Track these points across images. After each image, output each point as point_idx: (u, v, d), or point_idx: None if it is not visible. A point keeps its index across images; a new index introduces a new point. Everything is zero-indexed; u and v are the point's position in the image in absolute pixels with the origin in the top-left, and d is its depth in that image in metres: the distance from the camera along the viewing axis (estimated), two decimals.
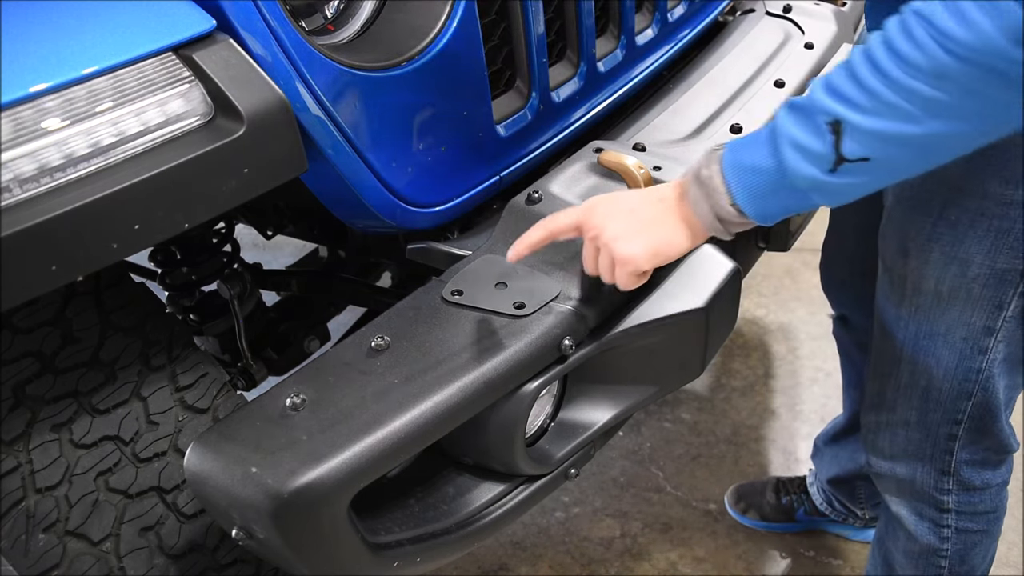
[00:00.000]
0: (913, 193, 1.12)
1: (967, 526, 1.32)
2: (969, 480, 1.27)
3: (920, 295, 1.16)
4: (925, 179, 1.10)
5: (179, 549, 1.12)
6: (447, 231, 1.28)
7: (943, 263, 1.11)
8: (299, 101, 0.98)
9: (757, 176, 0.88)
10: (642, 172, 1.14)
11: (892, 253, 1.18)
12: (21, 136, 0.79)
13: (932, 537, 1.34)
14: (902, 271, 1.17)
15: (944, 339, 1.16)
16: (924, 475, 1.29)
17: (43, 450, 1.04)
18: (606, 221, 0.97)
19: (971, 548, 1.35)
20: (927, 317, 1.16)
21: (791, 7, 1.80)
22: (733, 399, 2.33)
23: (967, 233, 1.08)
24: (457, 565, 1.92)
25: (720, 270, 1.17)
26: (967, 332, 1.14)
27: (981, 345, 1.15)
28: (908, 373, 1.22)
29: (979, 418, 1.21)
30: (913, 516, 1.35)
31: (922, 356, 1.19)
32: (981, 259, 1.09)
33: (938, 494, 1.29)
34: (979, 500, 1.30)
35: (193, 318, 1.55)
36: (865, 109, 0.79)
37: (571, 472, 1.17)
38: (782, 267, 2.77)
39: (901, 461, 1.30)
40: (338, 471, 0.88)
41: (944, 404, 1.21)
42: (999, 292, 1.10)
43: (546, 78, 1.29)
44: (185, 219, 0.89)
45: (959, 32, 0.72)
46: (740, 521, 2.00)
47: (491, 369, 0.98)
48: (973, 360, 1.16)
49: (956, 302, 1.13)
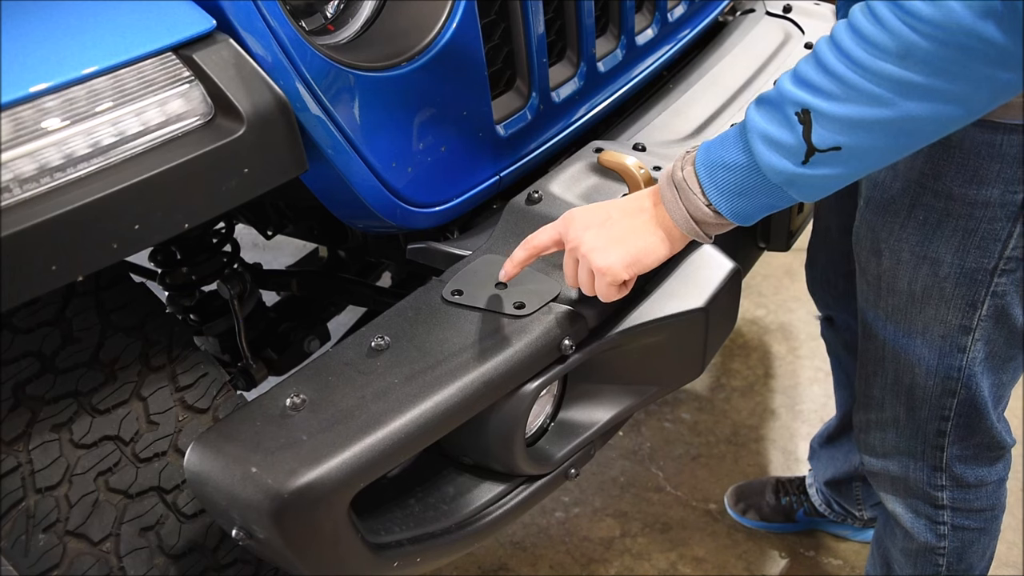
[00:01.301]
0: (882, 194, 1.13)
1: (964, 523, 1.32)
2: (962, 476, 1.27)
3: (895, 295, 1.16)
4: (893, 180, 1.10)
5: (179, 549, 1.12)
6: (447, 231, 1.28)
7: (914, 263, 1.12)
8: (299, 101, 0.98)
9: (730, 173, 0.87)
10: (642, 172, 1.14)
11: (866, 254, 1.19)
12: (21, 136, 0.79)
13: (929, 535, 1.34)
14: (876, 271, 1.17)
15: (923, 337, 1.16)
16: (917, 472, 1.29)
17: (43, 450, 1.04)
18: (583, 233, 0.95)
19: (969, 546, 1.35)
20: (904, 316, 1.17)
21: (791, 7, 1.80)
22: (733, 399, 2.33)
23: (935, 233, 1.09)
24: (457, 565, 1.92)
25: (720, 270, 1.18)
26: (944, 330, 1.15)
27: (959, 343, 1.15)
28: (893, 372, 1.22)
29: (966, 415, 1.21)
30: (909, 513, 1.35)
31: (904, 355, 1.19)
32: (951, 259, 1.09)
33: (932, 490, 1.29)
34: (974, 497, 1.30)
35: (193, 318, 1.55)
36: (833, 95, 0.78)
37: (571, 472, 1.17)
38: (782, 267, 2.77)
39: (893, 458, 1.30)
40: (338, 471, 0.88)
41: (930, 401, 1.21)
42: (971, 291, 1.11)
43: (546, 78, 1.29)
44: (185, 219, 0.89)
45: (924, 9, 0.71)
46: (739, 521, 2.00)
47: (491, 369, 0.98)
48: (953, 358, 1.16)
49: (930, 301, 1.13)
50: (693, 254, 1.20)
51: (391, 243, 1.46)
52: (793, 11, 1.79)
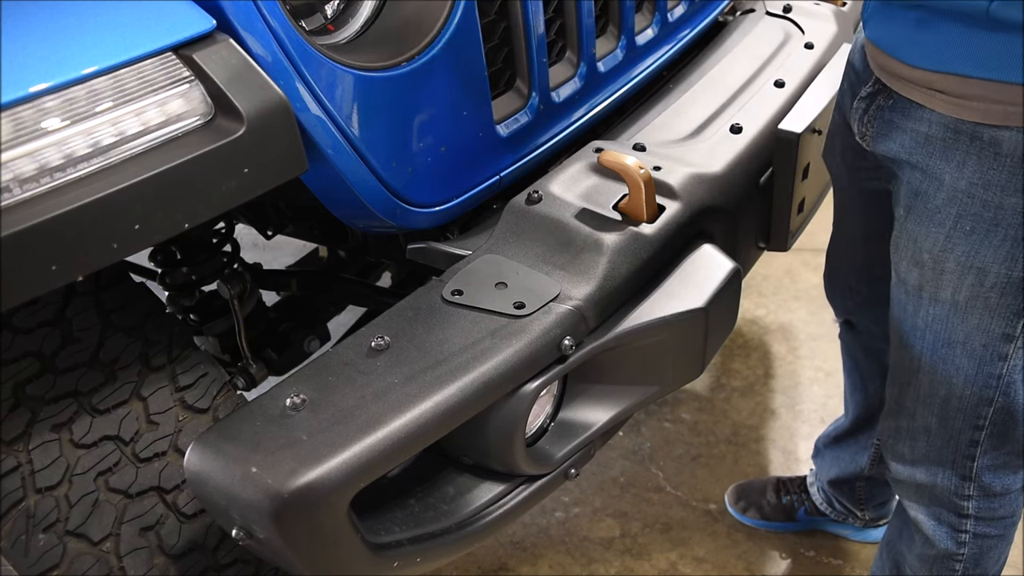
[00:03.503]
0: (925, 204, 1.11)
1: (985, 531, 1.32)
2: (990, 486, 1.27)
3: (937, 305, 1.14)
4: (937, 190, 1.08)
5: (179, 549, 1.12)
6: (447, 231, 1.28)
7: (959, 273, 1.10)
8: (299, 101, 0.98)
9: None
10: (642, 172, 1.14)
11: (906, 264, 1.16)
12: (21, 136, 0.79)
13: (949, 542, 1.34)
14: (917, 281, 1.15)
15: (963, 347, 1.15)
16: (945, 480, 1.28)
17: (43, 450, 1.04)
18: None
19: (986, 552, 1.35)
20: (944, 327, 1.15)
21: (791, 7, 1.80)
22: (733, 399, 2.33)
23: (983, 243, 1.07)
24: (457, 565, 1.92)
25: (720, 270, 1.18)
26: (986, 339, 1.13)
27: (1001, 352, 1.13)
28: (928, 382, 1.21)
29: (1001, 423, 1.20)
30: (932, 521, 1.34)
31: (941, 365, 1.18)
32: (998, 268, 1.07)
33: (959, 500, 1.29)
34: (999, 505, 1.29)
35: (193, 318, 1.55)
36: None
37: (571, 472, 1.17)
38: (782, 267, 2.77)
39: (922, 466, 1.29)
40: (338, 471, 0.88)
41: (965, 411, 1.20)
42: (1017, 299, 1.09)
43: (546, 78, 1.29)
44: (185, 219, 0.89)
45: None
46: (740, 520, 1.99)
47: (491, 369, 0.98)
48: (993, 367, 1.15)
49: (974, 311, 1.11)
50: (693, 254, 1.20)
51: (391, 243, 1.46)
52: (793, 11, 1.79)
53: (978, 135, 1.01)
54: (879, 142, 1.16)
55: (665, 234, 1.17)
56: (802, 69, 1.60)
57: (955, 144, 1.04)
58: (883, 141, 1.15)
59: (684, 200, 1.21)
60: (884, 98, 1.13)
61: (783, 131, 1.36)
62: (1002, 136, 1.00)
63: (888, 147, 1.14)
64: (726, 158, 1.33)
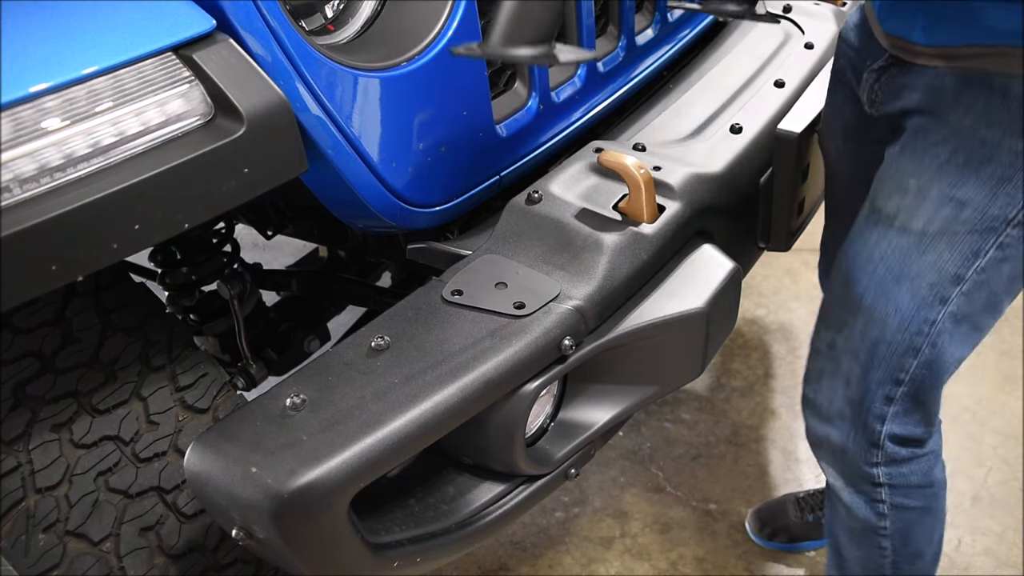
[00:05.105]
0: (925, 140, 1.14)
1: (903, 502, 1.31)
2: (896, 453, 1.27)
3: (903, 235, 1.16)
4: (940, 126, 1.12)
5: (179, 549, 1.12)
6: (447, 231, 1.28)
7: (939, 202, 1.13)
8: (299, 101, 0.98)
9: None
10: (642, 172, 1.14)
11: (886, 192, 1.19)
12: (21, 136, 0.79)
13: (868, 512, 1.34)
14: (893, 209, 1.17)
15: (911, 284, 1.17)
16: (855, 445, 1.28)
17: (43, 450, 1.04)
18: None
19: (912, 526, 1.34)
20: (901, 259, 1.17)
21: (791, 7, 1.80)
22: (733, 399, 2.33)
23: (972, 176, 1.10)
24: (457, 565, 1.92)
25: (720, 270, 1.18)
26: (936, 278, 1.15)
27: (944, 294, 1.15)
28: (862, 323, 1.22)
29: (920, 380, 1.21)
30: (848, 488, 1.34)
31: (882, 302, 1.19)
32: (977, 202, 1.11)
33: (867, 467, 1.29)
34: (909, 472, 1.30)
35: (193, 318, 1.55)
36: None
37: (571, 472, 1.17)
38: (782, 267, 2.77)
39: (836, 425, 1.29)
40: (338, 471, 0.88)
41: (890, 360, 1.21)
42: (982, 238, 1.12)
43: (546, 78, 1.29)
44: (185, 219, 0.89)
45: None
46: (770, 547, 1.94)
47: (491, 369, 0.98)
48: (931, 310, 1.16)
49: (937, 245, 1.14)
50: (693, 254, 1.20)
51: (391, 243, 1.46)
52: (793, 11, 1.79)
53: (989, 82, 1.07)
54: (889, 103, 1.20)
55: (665, 234, 1.17)
56: (802, 69, 1.60)
57: (967, 91, 1.09)
58: (893, 102, 1.19)
59: (684, 200, 1.21)
60: (898, 68, 1.17)
61: (783, 131, 1.36)
62: (1012, 82, 1.05)
63: (898, 105, 1.18)
64: (726, 158, 1.33)
